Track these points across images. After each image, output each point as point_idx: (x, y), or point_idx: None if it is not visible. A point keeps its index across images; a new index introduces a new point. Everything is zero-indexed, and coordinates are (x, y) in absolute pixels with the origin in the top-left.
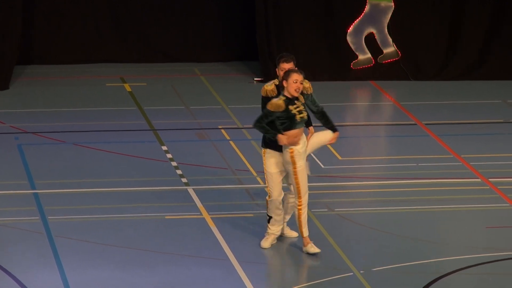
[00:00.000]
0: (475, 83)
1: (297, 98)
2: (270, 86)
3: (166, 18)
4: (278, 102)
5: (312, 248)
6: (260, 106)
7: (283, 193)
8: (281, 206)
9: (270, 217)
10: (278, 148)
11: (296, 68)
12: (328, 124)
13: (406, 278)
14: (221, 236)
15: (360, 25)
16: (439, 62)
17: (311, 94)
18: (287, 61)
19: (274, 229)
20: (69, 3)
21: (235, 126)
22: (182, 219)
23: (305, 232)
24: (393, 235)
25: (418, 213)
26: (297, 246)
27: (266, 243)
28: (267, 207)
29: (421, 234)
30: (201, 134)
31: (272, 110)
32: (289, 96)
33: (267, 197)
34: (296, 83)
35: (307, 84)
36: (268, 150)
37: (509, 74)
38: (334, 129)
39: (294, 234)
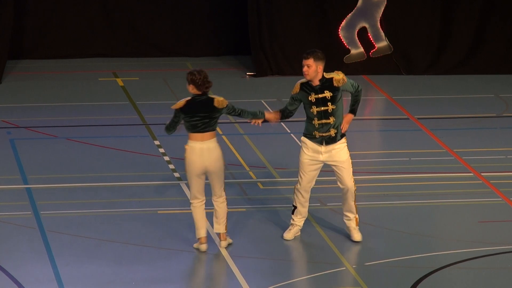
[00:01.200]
0: (468, 77)
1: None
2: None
3: (158, 13)
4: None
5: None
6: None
7: (313, 183)
8: (307, 196)
9: (295, 208)
10: (314, 139)
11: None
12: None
13: (399, 273)
14: (213, 231)
15: (352, 20)
16: (431, 56)
17: (346, 85)
18: (304, 58)
19: (297, 220)
20: None
21: (228, 121)
22: (174, 213)
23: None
24: (385, 229)
25: (411, 208)
26: (289, 241)
27: (289, 234)
28: (294, 197)
29: (414, 228)
30: None
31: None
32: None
33: (296, 185)
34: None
35: (338, 76)
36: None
37: (501, 68)
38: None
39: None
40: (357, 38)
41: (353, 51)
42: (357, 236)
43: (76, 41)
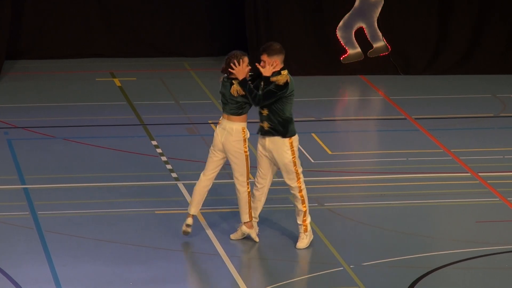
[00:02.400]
0: (465, 77)
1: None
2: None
3: (155, 13)
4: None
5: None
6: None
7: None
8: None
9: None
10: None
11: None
12: None
13: (396, 273)
14: (211, 231)
15: (350, 20)
16: (429, 56)
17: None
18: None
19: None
20: None
21: None
22: (172, 213)
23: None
24: (383, 230)
25: (408, 208)
26: (287, 241)
27: (235, 235)
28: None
29: (411, 228)
30: (191, 129)
31: None
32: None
33: None
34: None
35: (282, 76)
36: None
37: (499, 68)
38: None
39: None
40: (354, 38)
41: (351, 51)
42: (299, 243)
43: (74, 41)
